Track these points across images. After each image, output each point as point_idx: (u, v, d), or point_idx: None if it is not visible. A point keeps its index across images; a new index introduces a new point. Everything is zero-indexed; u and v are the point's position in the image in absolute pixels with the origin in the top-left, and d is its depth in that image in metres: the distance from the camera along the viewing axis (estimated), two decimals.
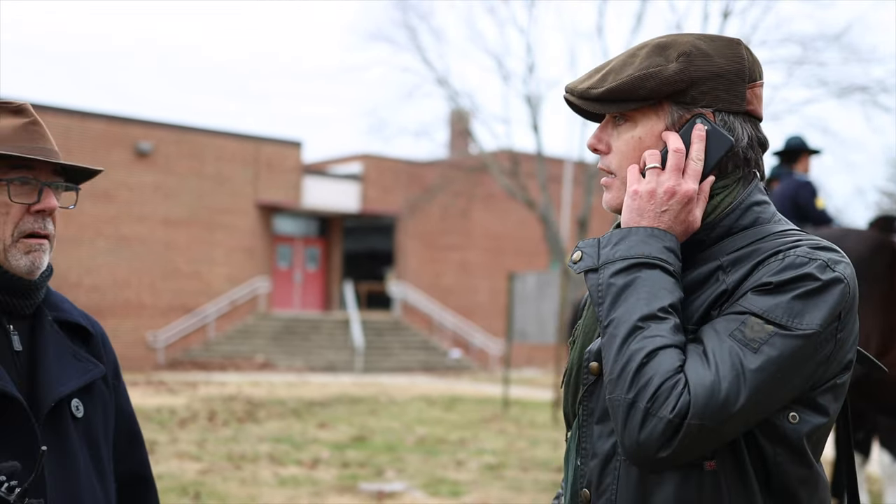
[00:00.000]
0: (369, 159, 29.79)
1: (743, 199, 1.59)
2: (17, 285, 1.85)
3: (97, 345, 2.01)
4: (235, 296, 26.69)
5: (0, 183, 1.81)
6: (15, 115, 1.87)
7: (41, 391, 1.81)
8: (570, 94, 1.64)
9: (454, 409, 15.49)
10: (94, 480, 1.90)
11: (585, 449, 1.60)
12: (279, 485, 8.22)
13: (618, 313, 1.48)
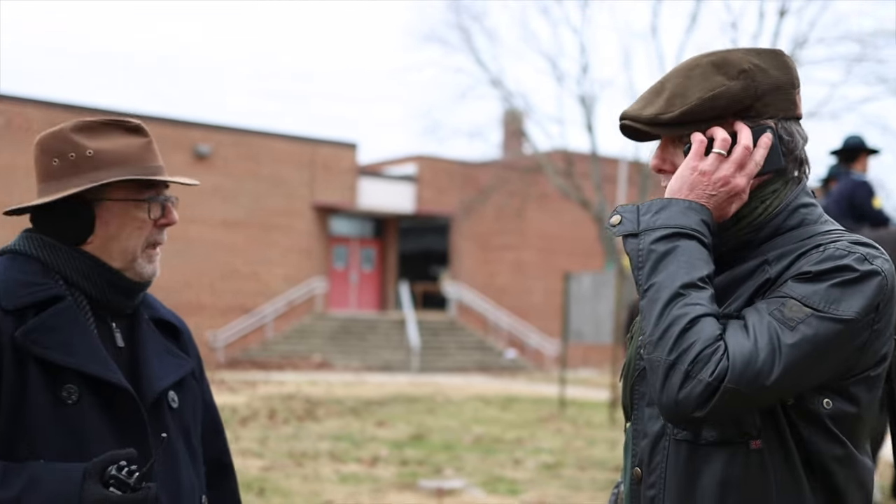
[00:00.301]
0: (424, 160, 29.99)
1: (790, 202, 1.67)
2: (132, 288, 2.00)
3: (185, 341, 2.15)
4: (293, 296, 27.03)
5: (141, 202, 1.98)
6: (134, 133, 2.01)
7: (144, 384, 1.95)
8: (635, 120, 1.70)
9: (510, 408, 15.58)
10: (189, 466, 2.03)
11: (637, 430, 1.71)
12: (340, 482, 8.38)
13: (659, 278, 1.57)
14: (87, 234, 1.96)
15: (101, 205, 1.96)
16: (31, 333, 1.84)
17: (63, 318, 1.88)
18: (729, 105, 1.66)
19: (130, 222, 1.98)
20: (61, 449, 1.82)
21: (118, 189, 1.97)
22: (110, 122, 2.01)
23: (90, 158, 1.95)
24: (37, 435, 1.82)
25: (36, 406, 1.82)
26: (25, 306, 1.86)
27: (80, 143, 1.96)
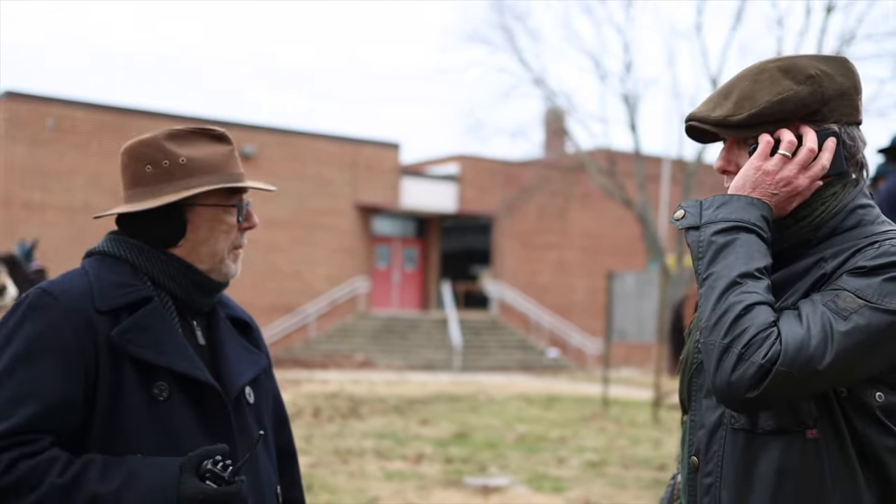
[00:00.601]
0: (466, 160, 30.05)
1: (848, 203, 1.74)
2: (215, 288, 2.11)
3: (256, 337, 2.25)
4: (335, 295, 27.22)
5: (230, 207, 2.09)
6: (219, 141, 2.12)
7: (227, 381, 2.05)
8: (703, 122, 1.78)
9: (553, 407, 15.59)
10: (266, 459, 2.14)
11: (695, 421, 1.78)
12: (386, 479, 8.47)
13: (717, 268, 1.66)
14: (179, 237, 2.06)
15: (193, 210, 2.06)
16: (126, 333, 1.93)
17: (153, 318, 1.97)
18: (796, 109, 1.73)
19: (219, 226, 2.08)
20: (154, 444, 1.91)
21: (209, 195, 2.07)
22: (197, 131, 2.11)
23: (183, 166, 2.04)
24: (132, 431, 1.91)
25: (131, 403, 1.92)
26: (119, 307, 1.96)
27: (173, 151, 2.05)
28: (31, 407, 1.84)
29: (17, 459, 1.80)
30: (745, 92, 1.75)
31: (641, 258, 30.98)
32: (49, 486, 1.80)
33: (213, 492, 1.84)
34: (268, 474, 2.12)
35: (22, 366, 1.86)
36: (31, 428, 1.83)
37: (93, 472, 1.84)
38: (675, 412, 14.86)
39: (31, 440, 1.83)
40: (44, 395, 1.85)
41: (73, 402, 1.89)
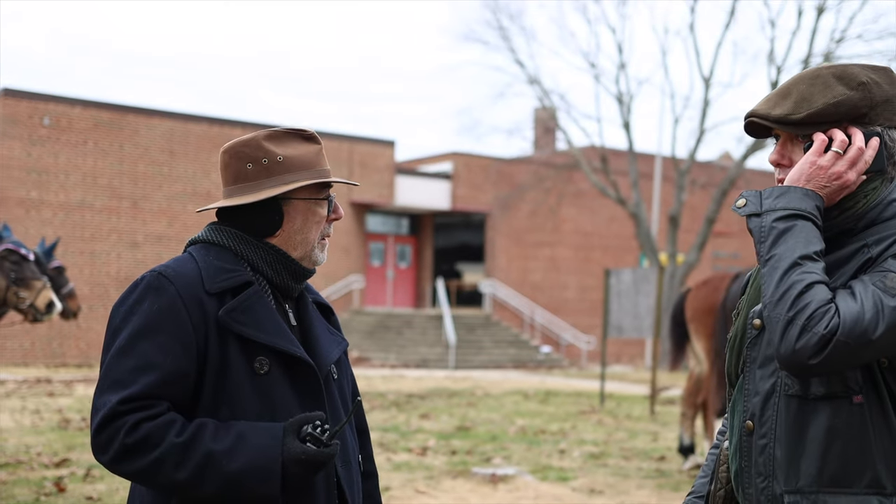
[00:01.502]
0: (459, 157, 30.23)
1: (885, 196, 1.97)
2: (305, 274, 2.32)
3: (336, 322, 2.47)
4: (330, 292, 27.38)
5: (320, 201, 2.30)
6: (310, 141, 2.32)
7: (318, 358, 2.26)
8: (765, 118, 2.00)
9: (549, 402, 15.79)
10: (350, 429, 2.36)
11: (748, 389, 2.00)
12: (394, 469, 8.65)
13: (779, 250, 1.88)
14: (276, 227, 2.27)
15: (290, 203, 2.27)
16: (232, 313, 2.14)
17: (254, 300, 2.19)
18: (848, 112, 1.96)
19: (311, 217, 2.29)
20: (255, 413, 2.13)
21: (302, 189, 2.28)
22: (291, 132, 2.31)
23: (281, 163, 2.25)
24: (235, 400, 2.13)
25: (235, 375, 2.13)
26: (224, 290, 2.17)
27: (272, 150, 2.26)
28: (151, 376, 2.06)
29: (141, 421, 2.03)
30: (803, 94, 1.97)
31: (634, 256, 31.24)
32: (169, 444, 2.02)
33: (313, 452, 2.05)
34: (352, 442, 2.34)
35: (142, 340, 2.08)
36: (151, 394, 2.05)
37: (207, 433, 2.05)
38: (670, 406, 15.09)
39: (151, 405, 2.05)
40: (161, 366, 2.07)
41: (187, 373, 2.10)
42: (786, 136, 2.02)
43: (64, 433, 10.41)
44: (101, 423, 2.03)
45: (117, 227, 24.57)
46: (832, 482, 1.90)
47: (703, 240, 25.25)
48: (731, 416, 2.09)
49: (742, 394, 2.03)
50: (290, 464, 2.04)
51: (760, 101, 2.05)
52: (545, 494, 7.66)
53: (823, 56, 24.43)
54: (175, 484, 2.03)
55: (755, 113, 2.02)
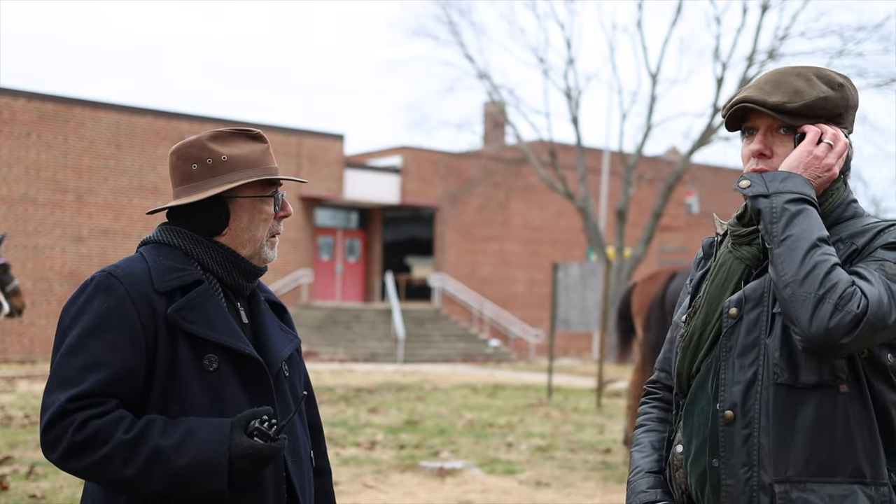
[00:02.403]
0: (409, 151, 30.23)
1: (845, 198, 2.08)
2: (253, 271, 2.35)
3: (290, 320, 2.50)
4: (279, 287, 27.23)
5: (266, 198, 2.33)
6: (256, 140, 2.36)
7: (268, 355, 2.29)
8: (762, 105, 2.03)
9: (498, 395, 15.90)
10: (300, 425, 2.39)
11: (725, 378, 2.01)
12: (342, 464, 8.67)
13: (795, 231, 1.92)
14: (223, 226, 2.30)
15: (235, 202, 2.31)
16: (181, 311, 2.18)
17: (204, 298, 2.22)
18: (832, 109, 2.04)
19: (258, 215, 2.32)
20: (204, 409, 2.16)
21: (248, 188, 2.31)
22: (237, 132, 2.35)
23: (225, 163, 2.29)
24: (185, 396, 2.16)
25: (184, 372, 2.17)
26: (173, 289, 2.20)
27: (216, 150, 2.30)
28: (100, 374, 2.09)
29: (89, 419, 2.06)
30: (794, 86, 2.03)
31: (582, 250, 31.49)
32: (117, 441, 2.05)
33: (260, 446, 2.09)
34: (302, 438, 2.37)
35: (91, 339, 2.11)
36: (100, 392, 2.08)
37: (155, 429, 2.08)
38: (617, 399, 15.27)
39: (100, 402, 2.08)
40: (110, 364, 2.10)
41: (136, 370, 2.13)
42: (766, 127, 2.06)
43: (6, 430, 10.27)
44: (49, 421, 2.06)
45: (62, 221, 24.22)
46: (818, 471, 1.94)
47: (650, 234, 25.54)
48: (686, 418, 2.10)
49: (715, 384, 2.03)
50: (238, 458, 2.07)
51: (747, 89, 2.07)
52: (492, 487, 7.74)
53: (767, 53, 24.82)
54: (123, 480, 2.06)
55: (750, 99, 2.04)
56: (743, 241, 2.09)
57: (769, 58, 24.75)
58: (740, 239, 2.10)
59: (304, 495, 2.30)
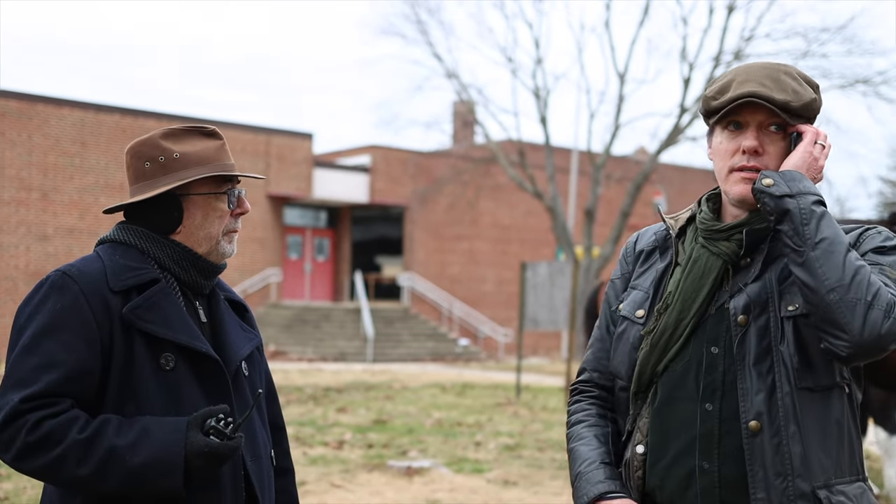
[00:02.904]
0: (378, 150, 30.19)
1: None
2: (211, 269, 2.33)
3: (251, 319, 2.48)
4: (247, 286, 27.12)
5: (220, 195, 2.31)
6: (210, 137, 2.34)
7: (226, 354, 2.28)
8: (770, 101, 1.98)
9: (467, 394, 15.92)
10: (261, 425, 2.37)
11: (744, 388, 1.96)
12: (310, 463, 8.64)
13: (829, 234, 1.89)
14: (177, 224, 2.28)
15: (188, 199, 2.29)
16: (136, 310, 2.16)
17: (160, 297, 2.20)
18: (815, 111, 2.05)
19: (212, 213, 2.30)
20: (161, 408, 2.15)
21: (201, 185, 2.30)
22: (190, 129, 2.33)
23: (177, 160, 2.27)
24: (141, 396, 2.14)
25: (140, 371, 2.15)
26: (129, 287, 2.19)
27: (168, 148, 2.28)
28: (54, 374, 2.07)
29: (43, 419, 2.04)
30: (793, 86, 2.01)
31: (551, 249, 31.59)
32: (71, 441, 2.03)
33: (216, 445, 2.08)
34: (262, 437, 2.35)
35: (45, 338, 2.09)
36: (54, 392, 2.06)
37: (110, 429, 2.07)
38: None
39: (54, 402, 2.06)
40: (65, 364, 2.08)
41: (91, 370, 2.11)
42: (758, 123, 2.02)
43: None
44: (3, 422, 2.04)
45: (26, 219, 23.96)
46: (842, 472, 1.97)
47: (618, 233, 25.66)
48: (654, 418, 2.04)
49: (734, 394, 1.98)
50: (193, 457, 2.06)
51: (747, 84, 2.01)
52: (460, 486, 7.74)
53: (734, 54, 25.00)
54: (78, 480, 2.04)
55: (758, 94, 1.98)
56: (720, 236, 2.05)
57: (735, 58, 24.94)
58: (717, 234, 2.06)
59: (263, 494, 2.29)
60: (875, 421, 7.42)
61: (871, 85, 24.20)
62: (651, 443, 2.04)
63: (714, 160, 2.09)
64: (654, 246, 2.20)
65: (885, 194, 39.22)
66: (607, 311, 2.23)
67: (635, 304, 2.14)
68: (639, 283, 2.17)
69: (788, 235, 1.91)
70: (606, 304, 2.24)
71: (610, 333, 2.21)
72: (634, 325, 2.12)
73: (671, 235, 2.16)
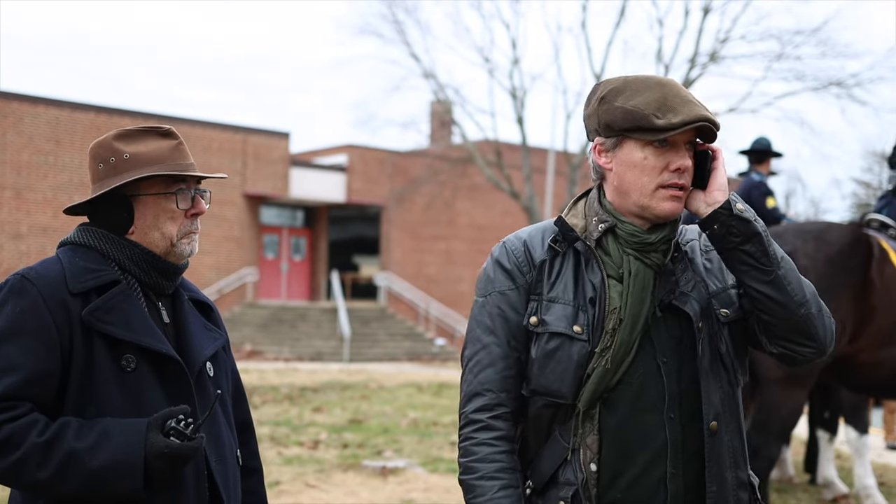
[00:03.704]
0: (355, 150, 30.15)
1: None
2: (171, 270, 2.31)
3: (217, 318, 2.47)
4: (223, 285, 27.02)
5: (169, 195, 2.29)
6: (165, 137, 2.33)
7: (190, 355, 2.27)
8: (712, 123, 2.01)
9: (443, 394, 15.92)
10: (226, 425, 2.37)
11: (707, 392, 2.04)
12: (285, 463, 8.64)
13: (781, 252, 2.04)
14: (128, 224, 2.28)
15: (138, 199, 2.29)
16: (95, 312, 2.15)
17: (120, 298, 2.20)
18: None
19: (163, 213, 2.29)
20: (122, 410, 2.14)
21: (151, 185, 2.29)
22: (146, 129, 2.33)
23: (127, 161, 2.27)
24: (102, 398, 2.14)
25: (101, 374, 2.15)
26: (89, 290, 2.18)
27: (120, 149, 2.28)
28: (13, 378, 2.06)
29: (2, 423, 2.03)
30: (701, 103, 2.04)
31: None
32: (31, 444, 2.02)
33: (176, 446, 2.07)
34: (228, 438, 2.35)
35: (4, 342, 2.09)
36: (14, 396, 2.05)
37: (69, 432, 2.06)
38: None
39: (14, 406, 2.05)
40: (24, 368, 2.07)
41: (50, 373, 2.11)
42: (684, 142, 2.03)
43: None
44: None
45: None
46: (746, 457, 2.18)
47: None
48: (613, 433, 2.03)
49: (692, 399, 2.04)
50: (154, 458, 2.06)
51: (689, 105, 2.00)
52: (435, 486, 7.75)
53: (709, 56, 25.16)
54: (38, 483, 2.04)
55: (709, 119, 2.00)
56: (650, 248, 2.05)
57: (711, 60, 25.09)
58: (649, 247, 2.05)
59: (228, 495, 2.29)
60: (846, 421, 7.50)
61: (845, 87, 24.41)
62: (609, 458, 2.02)
63: (629, 174, 2.03)
64: (555, 253, 2.12)
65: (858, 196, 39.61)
66: (504, 326, 2.10)
67: (567, 319, 2.05)
68: (557, 296, 2.07)
69: (755, 256, 1.99)
70: (502, 319, 2.11)
71: (511, 349, 2.09)
72: (576, 341, 2.03)
73: (590, 247, 2.08)
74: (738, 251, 2.00)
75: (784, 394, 5.69)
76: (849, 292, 5.72)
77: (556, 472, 2.05)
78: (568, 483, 2.03)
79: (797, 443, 9.13)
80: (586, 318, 2.04)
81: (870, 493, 7.04)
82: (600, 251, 2.08)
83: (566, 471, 2.04)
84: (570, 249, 2.10)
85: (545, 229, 2.16)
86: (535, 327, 2.07)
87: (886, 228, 6.44)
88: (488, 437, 2.06)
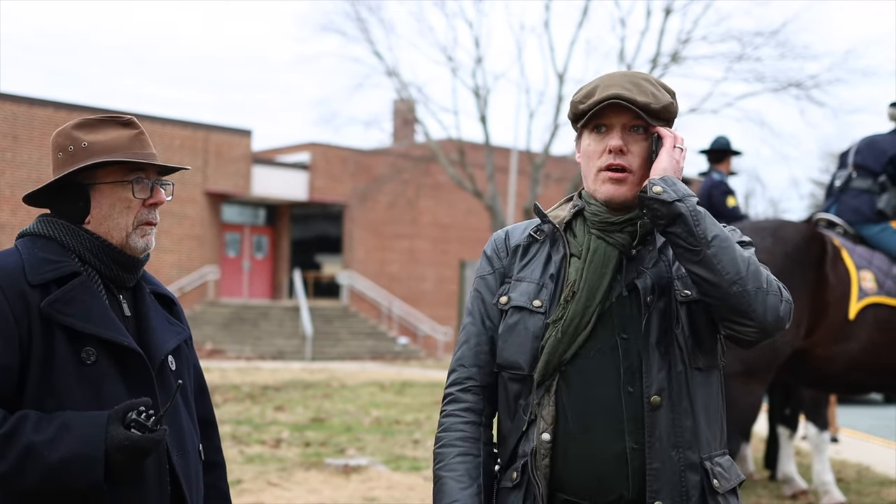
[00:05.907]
0: (317, 148, 30.04)
1: None
2: (130, 262, 2.28)
3: (179, 313, 2.44)
4: (184, 283, 26.82)
5: (126, 183, 2.26)
6: (125, 126, 2.30)
7: (151, 348, 2.24)
8: (632, 103, 2.06)
9: (405, 393, 15.91)
10: (188, 419, 2.34)
11: (648, 365, 2.06)
12: (246, 462, 8.58)
13: (717, 231, 2.02)
14: (84, 213, 2.25)
15: (95, 188, 2.25)
16: (55, 304, 2.12)
17: (81, 290, 2.16)
18: (672, 114, 2.13)
19: (119, 202, 2.26)
20: (82, 403, 2.11)
21: (108, 174, 2.26)
22: (106, 119, 2.30)
23: (85, 149, 2.24)
24: (62, 391, 2.11)
25: (61, 366, 2.11)
26: (48, 281, 2.15)
27: (78, 138, 2.25)
28: None
29: None
30: (650, 90, 2.10)
31: None
32: None
33: (137, 438, 2.05)
34: (189, 431, 2.32)
35: None
36: None
37: (28, 425, 2.03)
38: None
39: None
40: None
41: (8, 366, 2.07)
42: (622, 125, 2.10)
43: None
44: None
45: None
46: (718, 444, 2.14)
47: None
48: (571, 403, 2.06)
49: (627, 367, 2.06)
50: (114, 451, 2.03)
51: (611, 88, 2.08)
52: (398, 484, 7.74)
53: (671, 56, 25.34)
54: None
55: (621, 97, 2.06)
56: (614, 228, 2.12)
57: (672, 61, 25.28)
58: (612, 226, 2.12)
59: (190, 489, 2.26)
60: (806, 417, 7.59)
61: (804, 88, 24.70)
62: (565, 429, 2.06)
63: (582, 162, 2.17)
64: (532, 240, 2.21)
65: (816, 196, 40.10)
66: (481, 307, 2.20)
67: (528, 294, 2.14)
68: (525, 276, 2.17)
69: (682, 237, 2.01)
70: (479, 300, 2.21)
71: (486, 328, 2.18)
72: (534, 314, 2.11)
73: (557, 229, 2.17)
74: (667, 233, 2.04)
75: (742, 389, 5.80)
76: (805, 287, 5.87)
77: (516, 446, 2.11)
78: (523, 454, 2.09)
79: (757, 440, 9.22)
80: (547, 293, 2.13)
81: (828, 490, 7.12)
82: (569, 234, 2.17)
83: (524, 444, 2.09)
84: (547, 238, 2.20)
85: (533, 222, 2.27)
86: (503, 306, 2.16)
87: (834, 227, 6.58)
88: (455, 408, 2.17)
